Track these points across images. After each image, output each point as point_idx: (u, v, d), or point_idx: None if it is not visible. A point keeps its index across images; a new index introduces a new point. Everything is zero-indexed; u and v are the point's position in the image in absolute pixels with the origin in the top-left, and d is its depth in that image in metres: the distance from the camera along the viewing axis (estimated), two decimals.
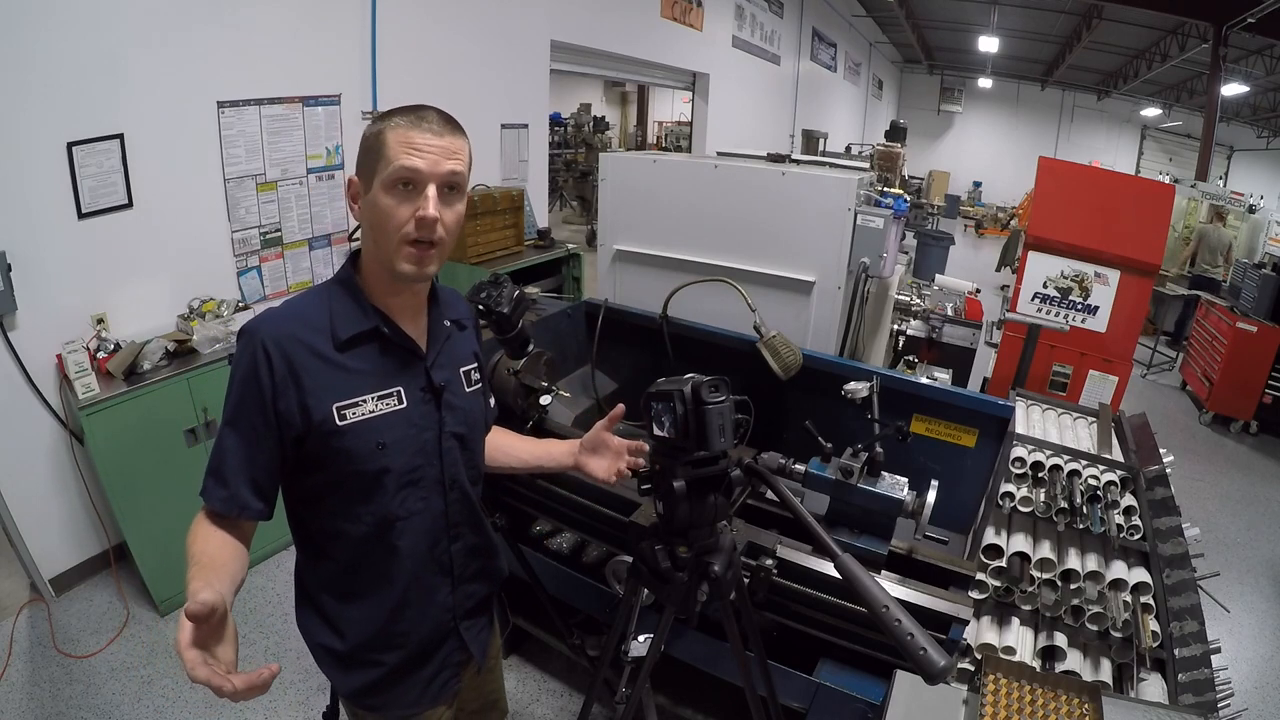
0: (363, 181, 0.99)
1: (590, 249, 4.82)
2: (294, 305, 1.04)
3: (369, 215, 0.98)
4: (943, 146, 19.35)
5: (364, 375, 1.02)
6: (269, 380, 0.96)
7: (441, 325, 1.13)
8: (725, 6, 7.98)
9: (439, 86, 4.06)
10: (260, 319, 1.01)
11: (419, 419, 1.07)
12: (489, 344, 2.00)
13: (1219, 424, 5.41)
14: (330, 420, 0.99)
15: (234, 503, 0.97)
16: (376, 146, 0.95)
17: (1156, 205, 3.89)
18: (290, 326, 0.99)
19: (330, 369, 1.00)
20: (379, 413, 1.02)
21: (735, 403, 1.08)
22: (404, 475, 1.06)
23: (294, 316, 1.01)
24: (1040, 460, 1.97)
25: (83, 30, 2.42)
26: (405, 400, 1.05)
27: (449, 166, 0.96)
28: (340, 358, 1.00)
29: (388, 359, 1.05)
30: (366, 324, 1.02)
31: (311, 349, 0.99)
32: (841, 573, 0.94)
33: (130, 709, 2.24)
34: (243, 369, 0.97)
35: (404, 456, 1.06)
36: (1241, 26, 8.29)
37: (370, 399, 1.02)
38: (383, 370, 1.04)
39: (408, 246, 0.96)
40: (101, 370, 2.49)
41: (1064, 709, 1.32)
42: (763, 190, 2.43)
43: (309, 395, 0.97)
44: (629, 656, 1.38)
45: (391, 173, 0.94)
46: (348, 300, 1.03)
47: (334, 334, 1.00)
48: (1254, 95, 12.26)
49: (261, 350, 0.96)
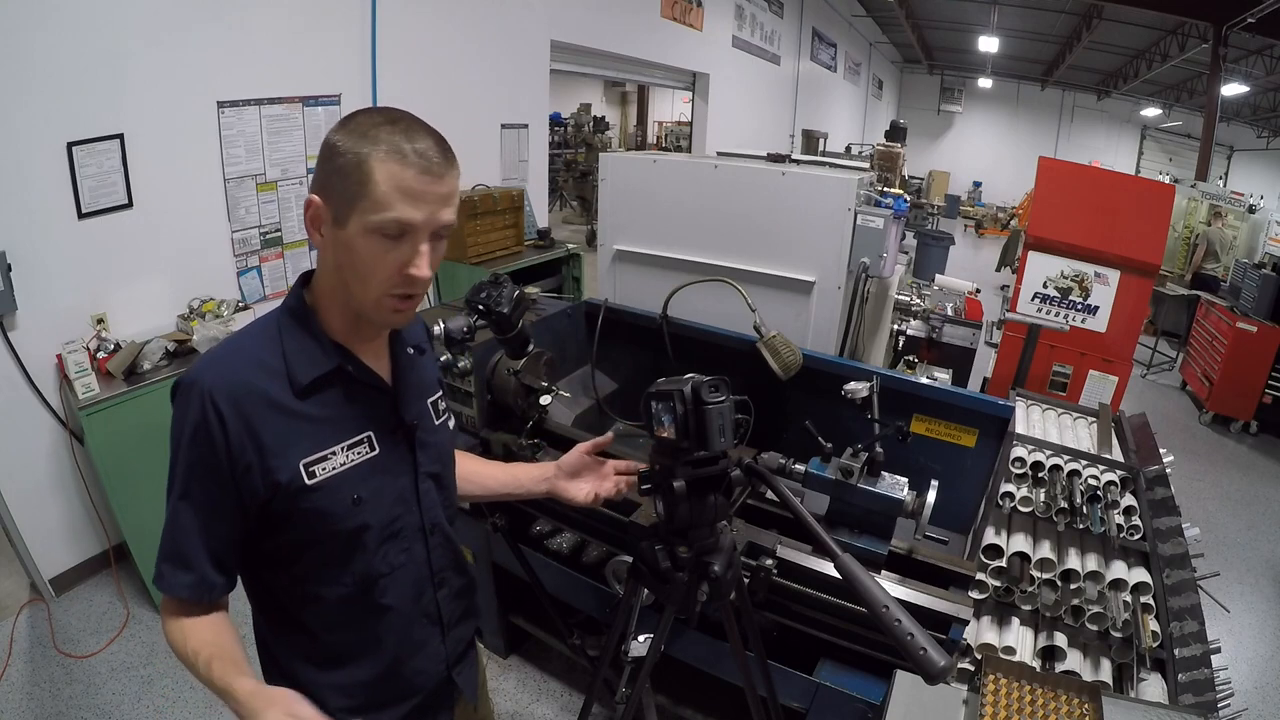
0: (330, 208, 0.82)
1: (590, 249, 4.82)
2: (239, 346, 0.89)
3: (341, 254, 0.83)
4: (943, 146, 19.35)
5: (330, 423, 0.90)
6: (222, 440, 0.82)
7: (405, 354, 1.01)
8: (725, 6, 7.99)
9: (439, 86, 4.06)
10: (202, 367, 0.86)
11: (393, 464, 0.97)
12: (489, 344, 2.00)
13: (1219, 424, 5.40)
14: (298, 479, 0.86)
15: (202, 587, 0.86)
16: (359, 176, 0.79)
17: (1156, 205, 3.89)
18: (241, 373, 0.85)
19: (292, 420, 0.86)
20: (351, 463, 0.91)
21: (735, 403, 1.07)
22: (384, 529, 0.96)
23: (243, 361, 0.86)
24: (1040, 460, 1.97)
25: (83, 30, 2.42)
26: (377, 446, 0.94)
27: (446, 218, 0.84)
28: (302, 406, 0.87)
29: (354, 401, 0.92)
30: (328, 364, 0.89)
31: (267, 399, 0.85)
32: (841, 573, 0.93)
33: (130, 709, 2.24)
34: (190, 430, 0.83)
35: (382, 508, 0.95)
36: (1241, 26, 8.29)
37: (340, 449, 0.90)
38: (350, 415, 0.92)
39: (390, 299, 0.85)
40: (101, 370, 2.49)
41: (1064, 709, 1.32)
42: (763, 190, 2.43)
43: (271, 455, 0.85)
44: (629, 656, 1.38)
45: (381, 221, 0.79)
46: (303, 337, 0.89)
47: (292, 378, 0.87)
48: (1254, 95, 12.27)
49: (210, 406, 0.82)
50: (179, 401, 0.85)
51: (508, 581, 2.20)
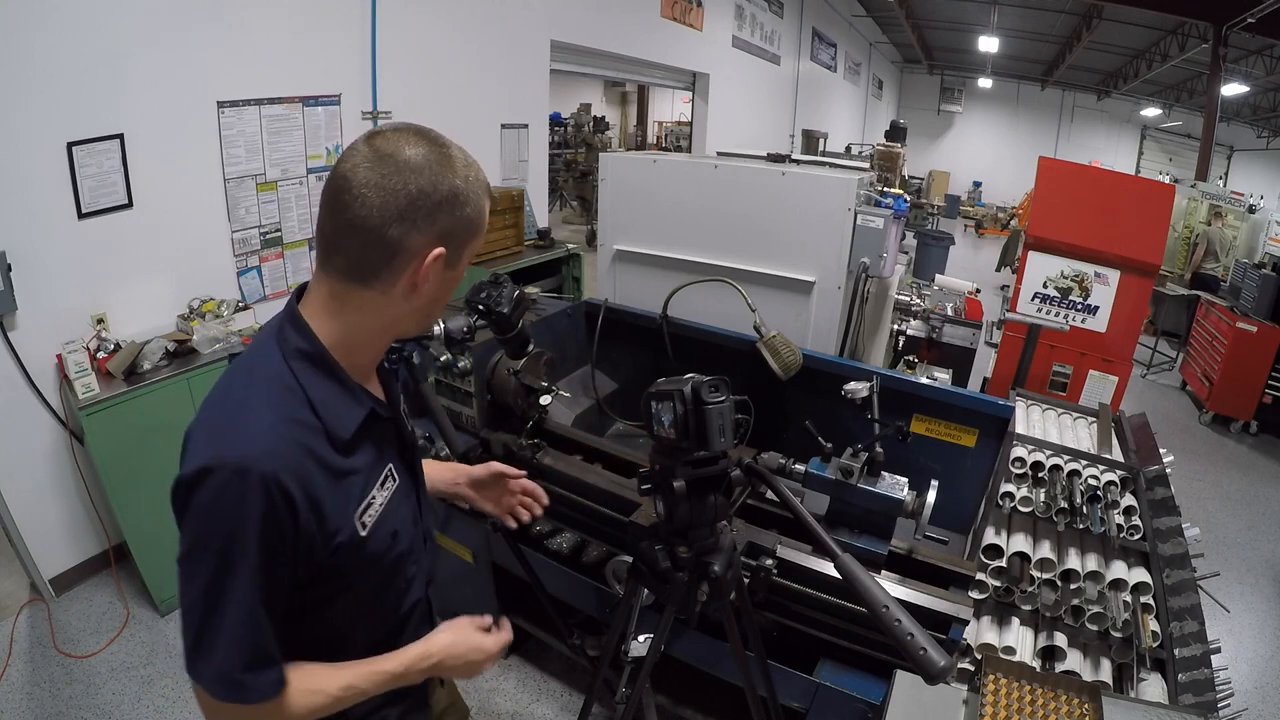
0: (452, 254, 0.81)
1: (590, 249, 4.82)
2: (265, 407, 0.77)
3: (441, 287, 0.84)
4: (943, 146, 19.35)
5: (366, 469, 0.87)
6: (291, 525, 0.75)
7: (384, 368, 0.97)
8: (725, 6, 7.99)
9: (439, 86, 4.06)
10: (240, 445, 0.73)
11: (405, 488, 0.95)
12: (489, 344, 2.01)
13: (1219, 424, 5.40)
14: (356, 534, 0.83)
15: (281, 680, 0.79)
16: (479, 220, 0.83)
17: (1156, 205, 3.89)
18: (292, 444, 0.76)
19: (341, 479, 0.82)
20: (384, 501, 0.89)
21: (735, 403, 1.08)
22: (410, 554, 0.97)
23: (285, 428, 0.77)
24: (1040, 460, 1.97)
25: (83, 30, 2.42)
26: (397, 477, 0.93)
27: None
28: (344, 461, 0.82)
29: (376, 439, 0.89)
30: (361, 410, 0.85)
31: (321, 463, 0.79)
32: (841, 573, 0.94)
33: (130, 709, 2.24)
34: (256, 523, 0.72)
35: (407, 534, 0.95)
36: (1241, 26, 8.29)
37: (376, 491, 0.88)
38: (376, 454, 0.89)
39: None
40: (101, 370, 2.49)
41: (1064, 709, 1.32)
42: (763, 190, 2.43)
43: (330, 520, 0.80)
44: (629, 656, 1.39)
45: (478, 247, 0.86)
46: (327, 383, 0.81)
47: (332, 434, 0.80)
48: (1254, 95, 12.27)
49: (278, 493, 0.73)
50: (221, 493, 0.72)
51: (508, 581, 2.20)
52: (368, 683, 0.88)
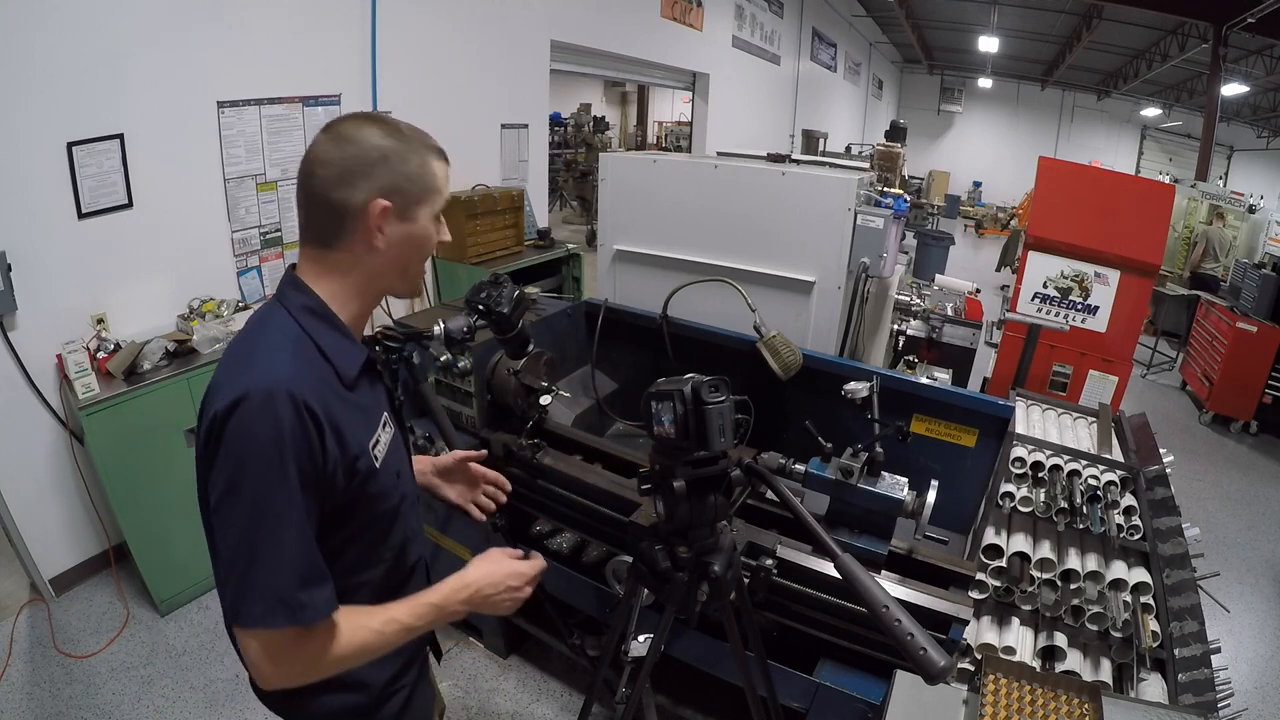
0: (399, 209, 0.90)
1: (590, 249, 4.82)
2: (283, 348, 0.87)
3: (407, 245, 0.93)
4: (943, 146, 19.35)
5: (370, 409, 0.98)
6: (319, 442, 0.83)
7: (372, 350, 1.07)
8: (725, 6, 7.99)
9: (439, 86, 4.06)
10: (267, 375, 0.82)
11: (398, 437, 1.06)
12: (489, 344, 2.01)
13: (1219, 424, 5.41)
14: (371, 464, 0.93)
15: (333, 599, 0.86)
16: (428, 175, 0.92)
17: (1156, 205, 3.89)
18: (310, 371, 0.87)
19: (353, 409, 0.92)
20: (387, 442, 0.99)
21: (735, 403, 1.08)
22: (412, 495, 1.06)
23: (302, 361, 0.87)
24: (1040, 460, 1.97)
25: (83, 30, 2.42)
26: (390, 424, 1.03)
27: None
28: (354, 396, 0.94)
29: (374, 387, 1.01)
30: (361, 355, 0.96)
31: (336, 391, 0.90)
32: (841, 573, 0.94)
33: (130, 709, 2.24)
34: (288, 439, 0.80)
35: (408, 479, 1.06)
36: (1241, 26, 8.29)
37: (380, 430, 0.98)
38: (375, 399, 1.01)
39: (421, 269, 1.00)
40: (101, 370, 2.49)
41: (1064, 709, 1.32)
42: (763, 190, 2.43)
43: (349, 445, 0.89)
44: (629, 656, 1.39)
45: (442, 205, 0.96)
46: (332, 334, 0.92)
47: (340, 373, 0.91)
48: (1254, 95, 12.27)
49: (304, 409, 0.81)
50: (256, 416, 0.79)
51: None
52: (410, 616, 0.93)
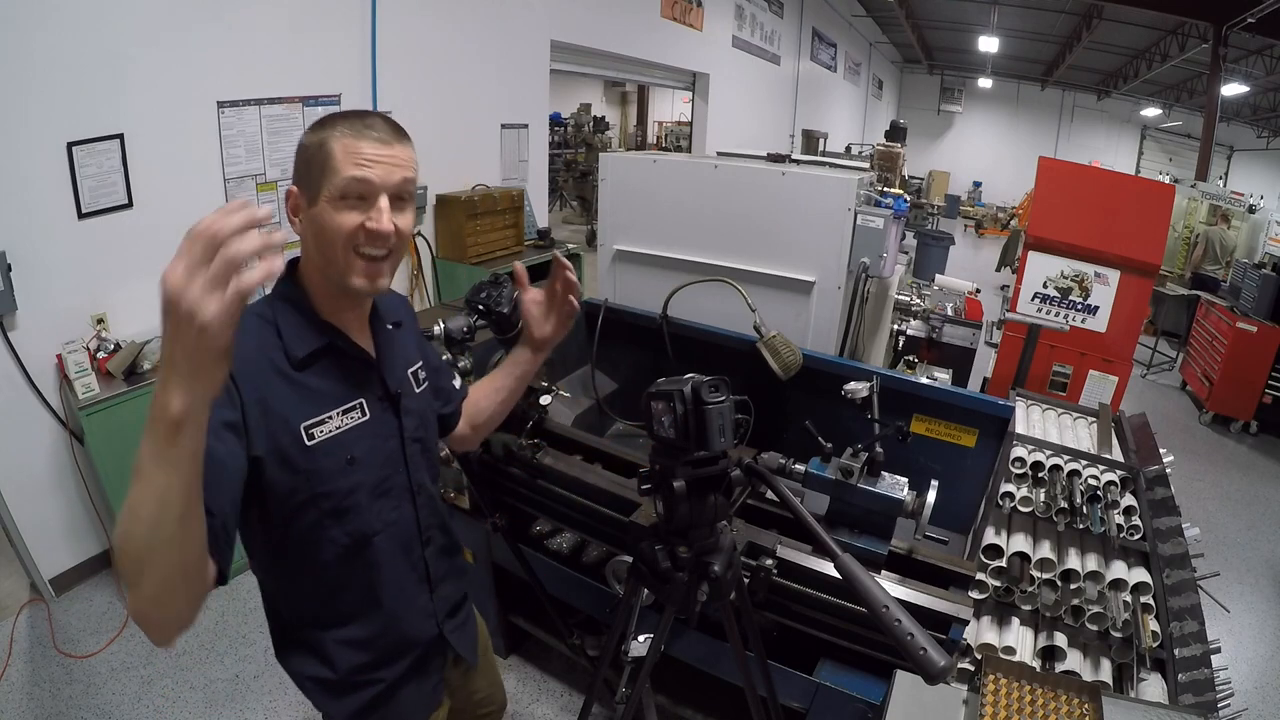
0: (304, 194, 0.93)
1: (590, 249, 4.82)
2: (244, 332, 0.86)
3: (314, 229, 0.93)
4: (943, 146, 19.35)
5: (325, 392, 0.99)
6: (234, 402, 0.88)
7: (385, 330, 1.11)
8: (725, 6, 7.99)
9: (439, 86, 4.06)
10: None
11: (382, 429, 1.06)
12: (489, 344, 2.01)
13: (1219, 424, 5.40)
14: (299, 440, 0.95)
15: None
16: (320, 157, 0.91)
17: (1156, 205, 3.89)
18: (244, 347, 0.88)
19: (292, 387, 0.95)
20: (346, 427, 1.00)
21: (735, 403, 1.07)
22: (376, 487, 1.05)
23: (244, 338, 0.88)
24: (1040, 460, 1.97)
25: (83, 30, 2.42)
26: (367, 412, 1.03)
27: (400, 175, 0.93)
28: (300, 376, 0.96)
29: (345, 373, 1.02)
30: (320, 340, 0.99)
31: (272, 367, 0.94)
32: (841, 573, 0.94)
33: (130, 709, 2.24)
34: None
35: (374, 469, 1.04)
36: (1241, 26, 8.28)
37: (335, 414, 0.99)
38: (342, 385, 1.01)
39: (359, 260, 0.93)
40: (101, 370, 2.49)
41: (1064, 709, 1.32)
42: (763, 190, 2.43)
43: (275, 418, 0.92)
44: (629, 656, 1.38)
45: (341, 184, 0.90)
46: (295, 316, 0.98)
47: (289, 353, 0.96)
48: (1254, 95, 12.26)
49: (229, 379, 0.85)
50: None
51: (508, 581, 2.20)
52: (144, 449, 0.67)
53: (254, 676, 2.38)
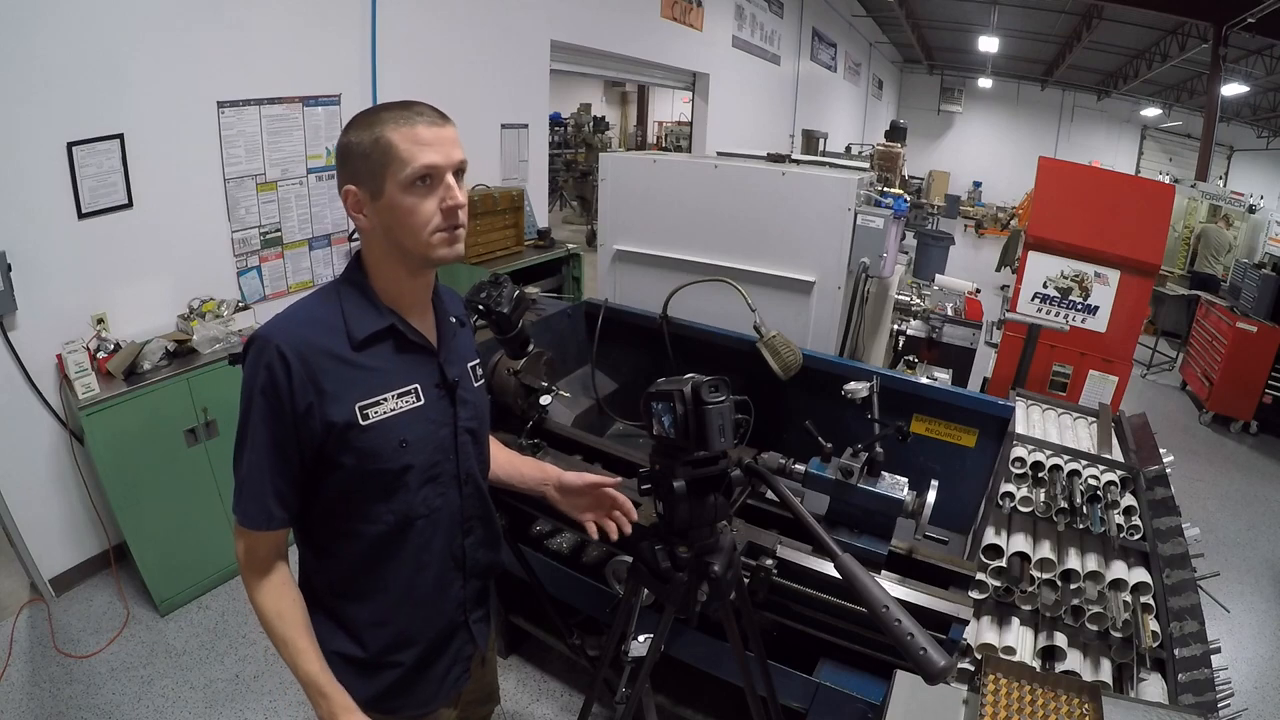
0: (367, 189, 0.97)
1: (590, 249, 4.81)
2: (304, 308, 1.03)
3: (388, 218, 0.98)
4: (943, 146, 19.34)
5: (382, 373, 1.03)
6: (287, 385, 0.95)
7: (448, 322, 1.14)
8: (725, 6, 7.98)
9: (439, 86, 4.06)
10: (272, 326, 1.00)
11: (436, 415, 1.09)
12: (489, 344, 2.01)
13: (1219, 424, 5.40)
14: (354, 420, 0.99)
15: (263, 517, 1.00)
16: (379, 151, 0.94)
17: (1156, 205, 3.89)
18: (304, 331, 0.99)
19: (349, 369, 1.00)
20: (399, 410, 1.04)
21: (735, 403, 1.08)
22: (425, 471, 1.08)
23: (306, 320, 1.01)
24: (1040, 460, 1.97)
25: (83, 30, 2.42)
26: (423, 397, 1.07)
27: (459, 155, 0.99)
28: (358, 357, 1.01)
29: (403, 357, 1.06)
30: (382, 322, 1.03)
31: (328, 352, 0.99)
32: (841, 573, 0.94)
33: (130, 709, 2.24)
34: (261, 380, 0.96)
35: (425, 453, 1.07)
36: (1241, 26, 8.28)
37: (390, 397, 1.03)
38: (399, 368, 1.05)
39: (439, 233, 0.99)
40: (101, 370, 2.49)
41: (1064, 709, 1.32)
42: (763, 190, 2.43)
43: (329, 398, 0.98)
44: (629, 656, 1.38)
45: (412, 172, 0.94)
46: (360, 300, 1.03)
47: (350, 334, 1.01)
48: (1254, 95, 12.26)
49: (279, 358, 0.95)
50: (250, 358, 0.98)
51: (508, 581, 2.20)
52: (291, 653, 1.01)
53: (254, 676, 2.38)
